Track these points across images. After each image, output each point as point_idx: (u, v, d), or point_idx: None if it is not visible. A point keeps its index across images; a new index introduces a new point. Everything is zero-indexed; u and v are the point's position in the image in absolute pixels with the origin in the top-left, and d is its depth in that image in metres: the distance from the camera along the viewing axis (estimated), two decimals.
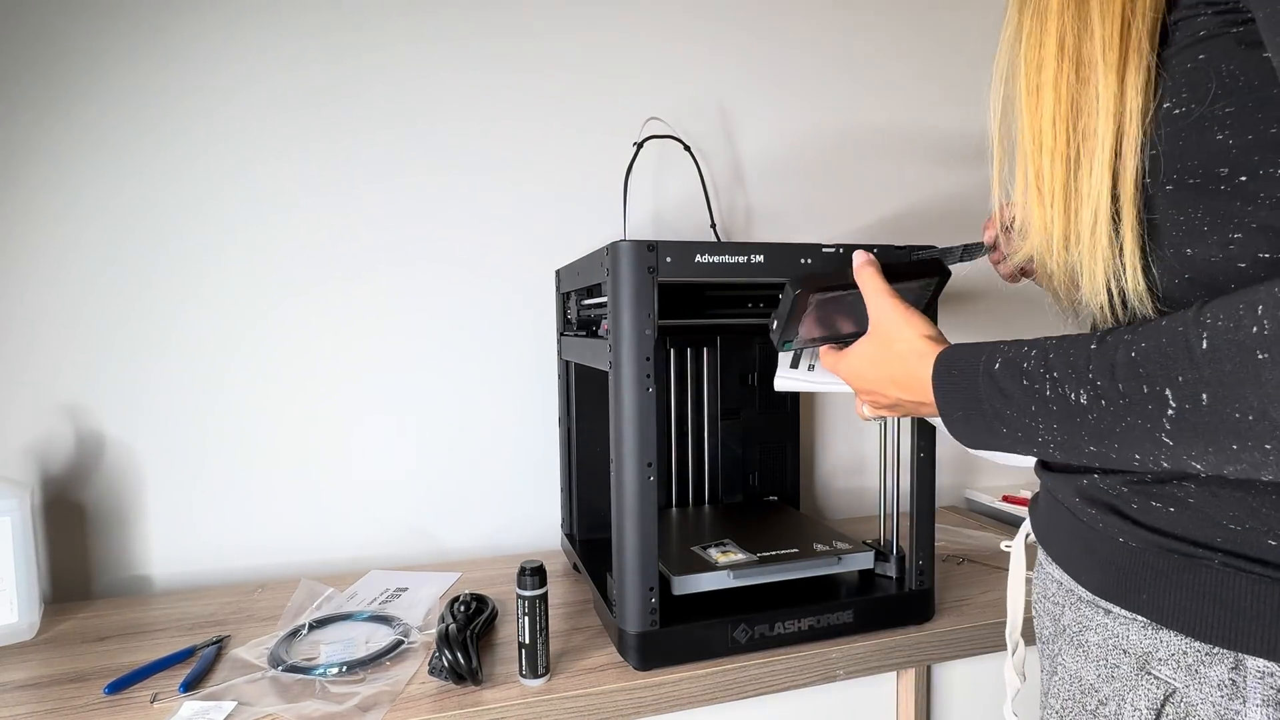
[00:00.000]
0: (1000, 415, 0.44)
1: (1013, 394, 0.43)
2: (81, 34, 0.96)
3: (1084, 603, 0.48)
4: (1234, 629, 0.39)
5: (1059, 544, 0.50)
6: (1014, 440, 0.44)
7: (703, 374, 1.08)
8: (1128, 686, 0.44)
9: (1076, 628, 0.48)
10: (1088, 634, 0.47)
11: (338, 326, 1.08)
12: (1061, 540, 0.50)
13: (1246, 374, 0.32)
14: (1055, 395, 0.40)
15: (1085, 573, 0.47)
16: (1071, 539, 0.49)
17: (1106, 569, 0.45)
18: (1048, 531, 0.52)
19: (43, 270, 0.97)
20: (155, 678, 0.74)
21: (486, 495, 1.15)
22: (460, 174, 1.12)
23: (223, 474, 1.04)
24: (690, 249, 0.72)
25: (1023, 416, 0.43)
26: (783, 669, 0.76)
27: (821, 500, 1.33)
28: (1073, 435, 0.40)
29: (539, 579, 0.71)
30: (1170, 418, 0.35)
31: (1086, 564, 0.47)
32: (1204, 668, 0.41)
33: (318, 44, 1.05)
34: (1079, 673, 0.47)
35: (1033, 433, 0.43)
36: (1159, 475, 0.42)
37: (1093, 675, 0.46)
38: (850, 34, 1.29)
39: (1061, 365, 0.40)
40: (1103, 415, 0.38)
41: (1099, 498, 0.46)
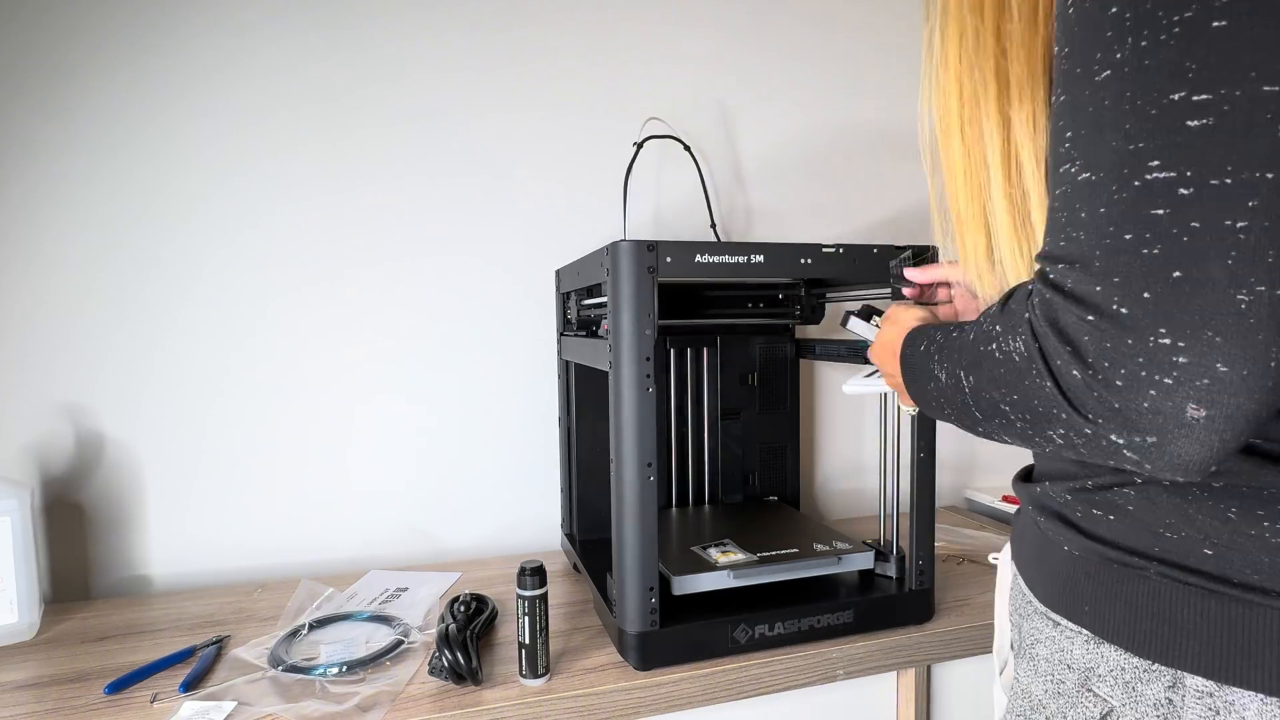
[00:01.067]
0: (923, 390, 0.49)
1: (922, 370, 0.48)
2: (79, 33, 0.96)
3: (1036, 614, 0.46)
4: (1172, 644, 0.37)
5: (1022, 553, 0.49)
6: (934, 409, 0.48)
7: (703, 374, 1.08)
8: (1070, 703, 0.42)
9: (1030, 640, 0.46)
10: (1038, 647, 0.45)
11: (337, 326, 1.08)
12: (1024, 550, 0.49)
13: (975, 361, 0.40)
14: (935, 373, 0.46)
15: (1038, 583, 0.46)
16: (1030, 549, 0.48)
17: (1054, 580, 0.44)
18: (1016, 541, 0.52)
19: (42, 270, 0.97)
20: (155, 678, 0.74)
21: (486, 495, 1.15)
22: (459, 174, 1.12)
23: (223, 474, 1.04)
24: (690, 249, 0.72)
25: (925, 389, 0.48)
26: (783, 669, 0.76)
27: (821, 500, 1.32)
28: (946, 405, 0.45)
29: (539, 579, 0.71)
30: (968, 394, 0.41)
31: (1039, 574, 0.46)
32: (1141, 685, 0.39)
33: (317, 43, 1.05)
34: (1029, 687, 0.46)
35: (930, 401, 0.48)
36: (1100, 482, 0.41)
37: (1040, 690, 0.45)
38: (850, 34, 1.29)
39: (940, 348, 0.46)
40: (947, 390, 0.44)
41: (1049, 505, 0.46)
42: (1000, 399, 0.38)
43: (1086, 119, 0.33)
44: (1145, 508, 0.39)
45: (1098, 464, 0.39)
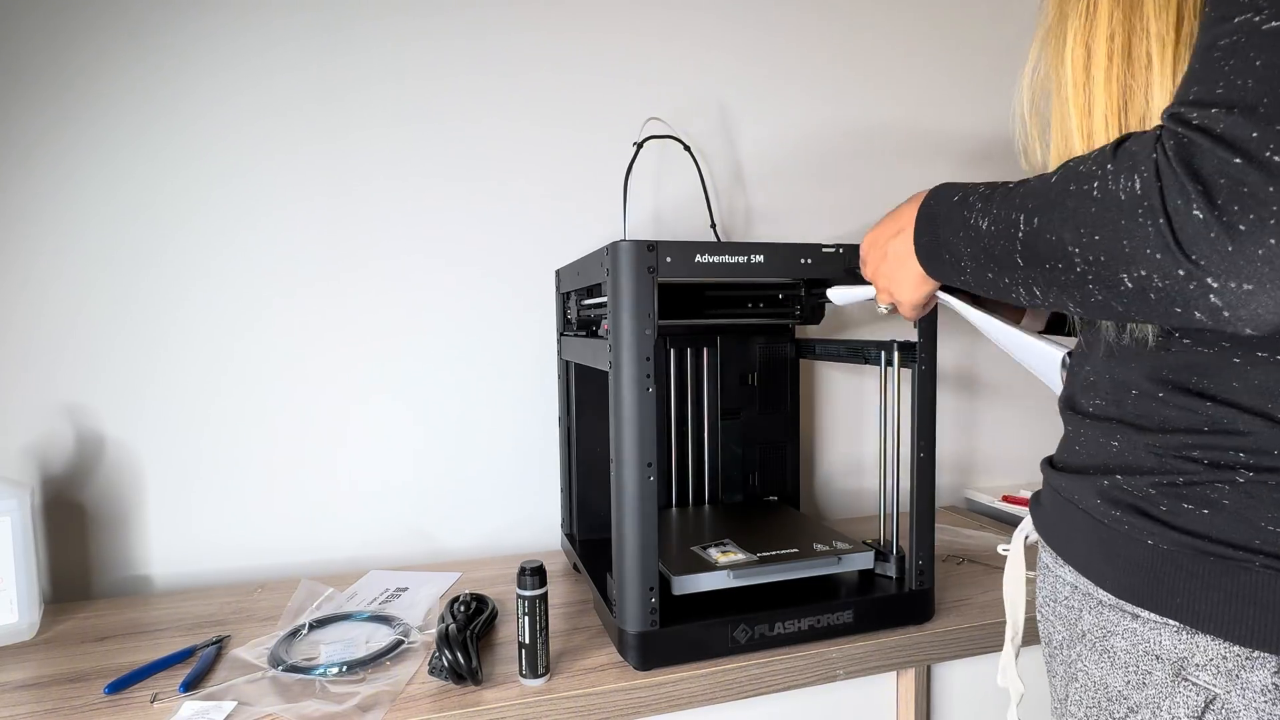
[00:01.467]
0: (945, 242, 0.49)
1: (954, 220, 0.48)
2: (79, 35, 0.96)
3: (1106, 607, 0.46)
4: (1277, 632, 0.39)
5: (1074, 547, 0.49)
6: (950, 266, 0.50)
7: (703, 374, 1.08)
8: (1163, 694, 0.43)
9: (1099, 633, 0.47)
10: (1113, 639, 0.46)
11: (337, 326, 1.08)
12: (1077, 543, 0.49)
13: (1058, 200, 0.39)
14: (975, 222, 0.46)
15: (1109, 577, 0.46)
16: (1090, 542, 0.48)
17: (1134, 572, 0.44)
18: (1059, 534, 0.51)
19: (42, 270, 0.97)
20: (155, 678, 0.74)
21: (486, 495, 1.15)
22: (459, 174, 1.12)
23: (223, 474, 1.05)
24: (690, 249, 0.72)
25: (956, 241, 0.48)
26: (782, 669, 0.76)
27: (821, 500, 1.33)
28: (976, 259, 0.46)
29: (539, 579, 0.71)
30: (1020, 240, 0.41)
31: (1110, 568, 0.46)
32: (1245, 672, 0.40)
33: (318, 46, 1.05)
34: (1104, 679, 0.46)
35: (960, 258, 0.48)
36: (1190, 477, 0.42)
37: (1120, 682, 0.45)
38: (851, 34, 1.29)
39: (987, 198, 0.45)
40: (990, 237, 0.44)
41: (1123, 499, 0.45)
42: (1071, 240, 0.38)
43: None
44: (1243, 503, 0.40)
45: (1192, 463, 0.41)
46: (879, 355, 0.85)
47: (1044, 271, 0.40)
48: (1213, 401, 0.42)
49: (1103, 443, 0.49)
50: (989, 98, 1.37)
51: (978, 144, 1.36)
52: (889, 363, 0.84)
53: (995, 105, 1.37)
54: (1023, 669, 0.89)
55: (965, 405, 1.40)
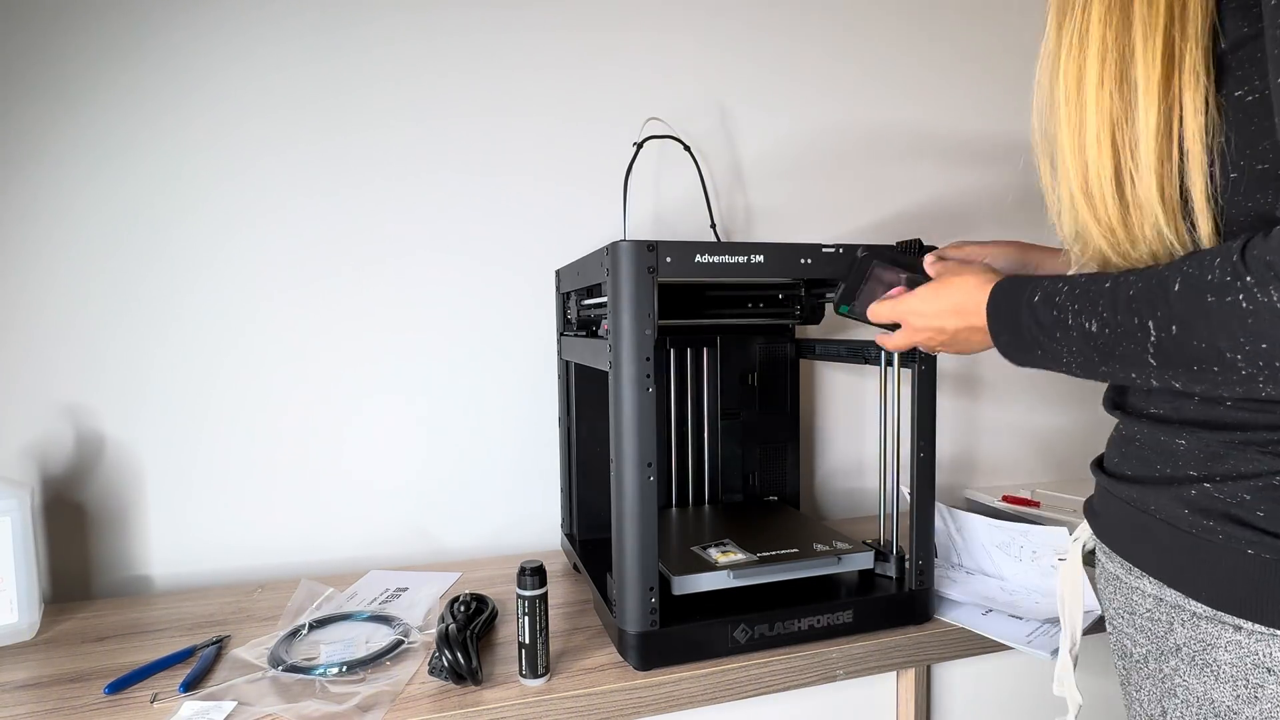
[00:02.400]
0: (1036, 340, 0.52)
1: (1045, 322, 0.50)
2: (77, 34, 0.96)
3: (1203, 619, 0.45)
4: None
5: (1158, 557, 0.48)
6: (1046, 359, 0.52)
7: (703, 374, 1.08)
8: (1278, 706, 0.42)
9: (1198, 646, 0.46)
10: (1216, 652, 0.44)
11: (336, 326, 1.08)
12: (1162, 553, 0.48)
13: (1200, 312, 0.40)
14: (1075, 324, 0.48)
15: (1204, 588, 0.45)
16: (1177, 552, 0.47)
17: (1234, 583, 0.43)
18: (1134, 543, 0.51)
19: (41, 270, 0.97)
20: (155, 678, 0.74)
21: (486, 495, 1.15)
22: (459, 174, 1.12)
23: (223, 474, 1.04)
24: (690, 249, 0.72)
25: (1051, 341, 0.50)
26: (783, 669, 0.76)
27: (821, 500, 1.32)
28: (1087, 357, 0.48)
29: (539, 579, 0.71)
30: (1152, 344, 0.43)
31: (1205, 579, 0.45)
32: None
33: (318, 44, 1.05)
34: (1209, 694, 0.45)
35: (1058, 354, 0.50)
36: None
37: (1229, 697, 0.44)
38: (851, 34, 1.29)
39: (1082, 299, 0.47)
40: (1107, 340, 0.45)
41: (1215, 508, 0.45)
42: (1229, 348, 0.39)
43: None
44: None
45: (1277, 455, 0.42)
46: (879, 355, 0.85)
47: (1191, 372, 0.42)
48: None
49: (1164, 441, 0.49)
50: (989, 98, 1.37)
51: (979, 145, 1.36)
52: (889, 363, 0.84)
53: (996, 106, 1.37)
54: (1035, 672, 0.89)
55: (965, 405, 1.40)
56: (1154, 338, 0.42)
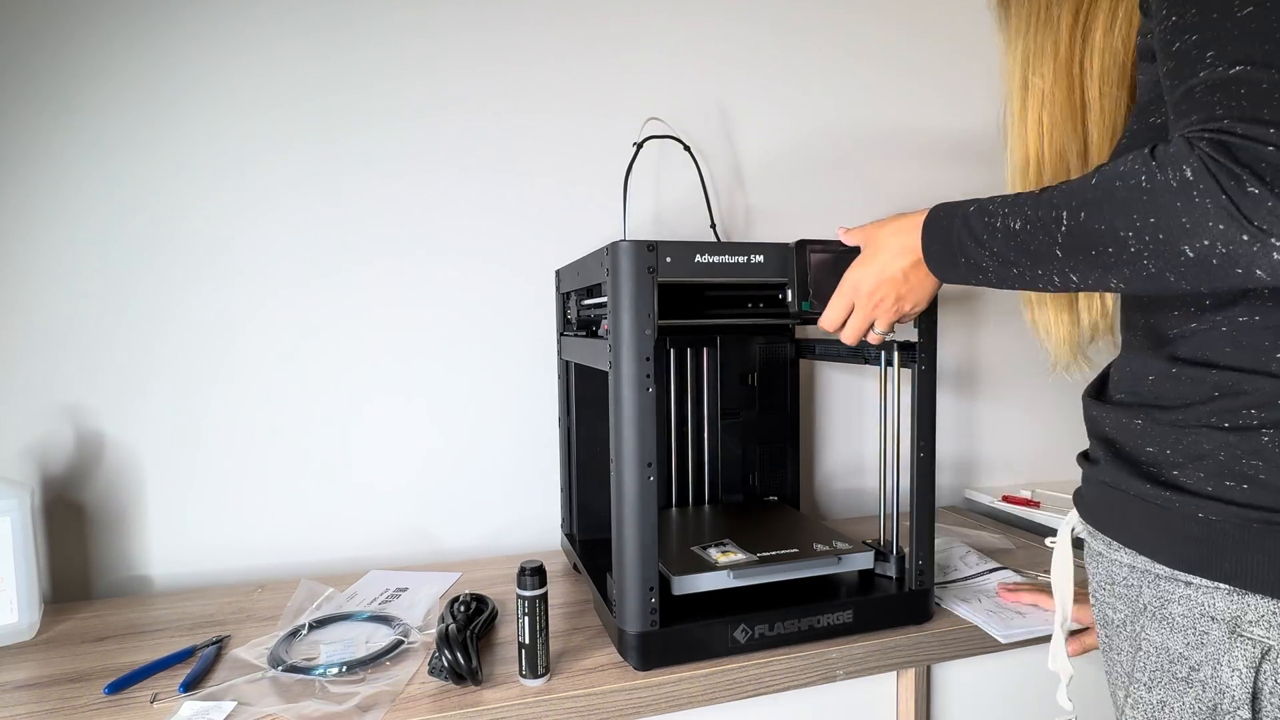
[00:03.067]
0: (963, 246, 0.57)
1: (974, 228, 0.56)
2: (76, 33, 0.96)
3: (1163, 579, 0.51)
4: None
5: (1130, 529, 0.54)
6: (968, 268, 0.57)
7: (703, 374, 1.08)
8: (1221, 650, 0.47)
9: (1158, 603, 0.51)
10: (1170, 606, 0.50)
11: (336, 326, 1.08)
12: (1132, 525, 0.54)
13: (1107, 194, 0.45)
14: (1001, 225, 0.53)
15: (1163, 550, 0.51)
16: (1145, 521, 0.52)
17: (1186, 544, 0.49)
18: (1112, 521, 0.56)
19: (40, 270, 0.97)
20: (155, 678, 0.74)
21: (487, 495, 1.15)
22: (458, 173, 1.12)
23: (223, 474, 1.04)
24: (690, 249, 0.72)
25: (977, 246, 0.55)
26: (782, 669, 0.76)
27: (821, 500, 1.32)
28: (1004, 258, 0.53)
29: (539, 579, 0.71)
30: (1062, 232, 0.48)
31: (1163, 542, 0.51)
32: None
33: (316, 42, 1.05)
34: (1165, 644, 0.50)
35: (979, 260, 0.56)
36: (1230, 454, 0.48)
37: (1181, 644, 0.49)
38: (851, 34, 1.29)
39: (1013, 204, 0.53)
40: (1025, 236, 0.51)
41: (1170, 481, 0.51)
42: (1124, 225, 0.45)
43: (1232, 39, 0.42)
44: (1276, 474, 0.46)
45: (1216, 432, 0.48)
46: (879, 355, 0.85)
47: (1089, 257, 0.47)
48: (1216, 369, 0.49)
49: (1125, 423, 0.55)
50: (990, 98, 1.36)
51: (980, 144, 1.36)
52: (889, 363, 0.84)
53: (997, 105, 1.37)
54: (1035, 673, 0.89)
55: (965, 405, 1.40)
56: (1064, 226, 0.48)
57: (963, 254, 0.57)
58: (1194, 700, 0.48)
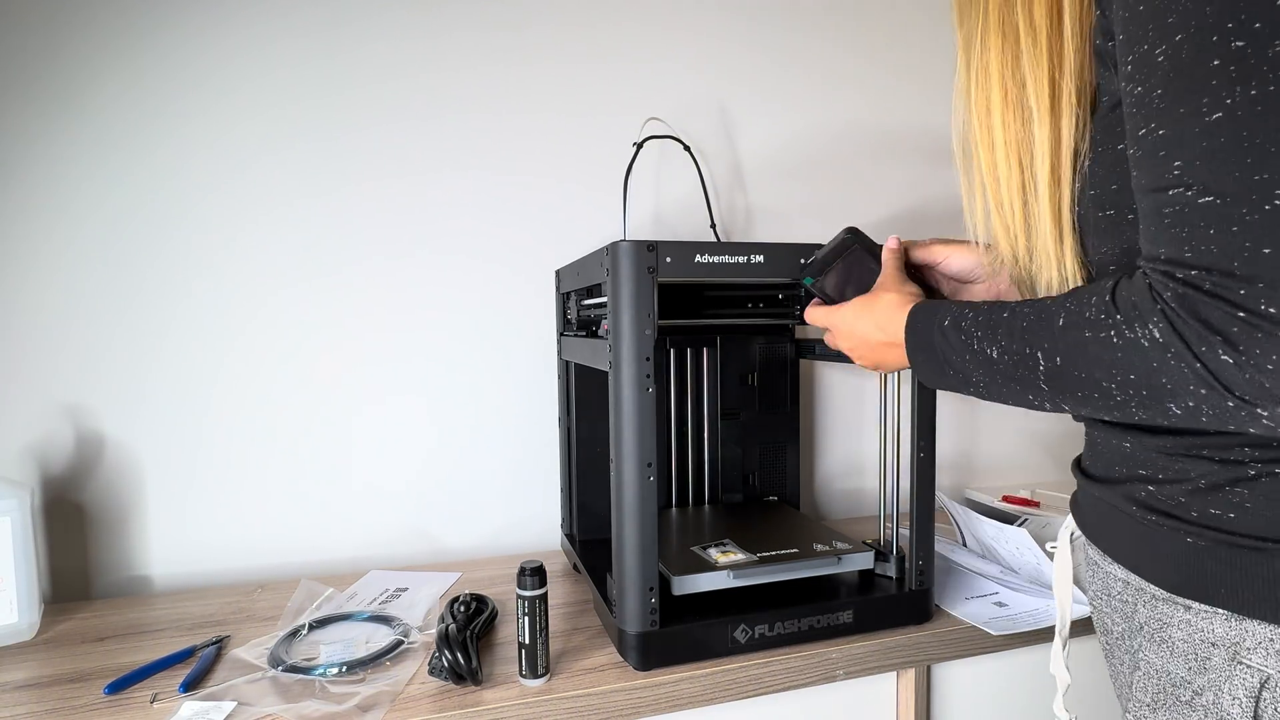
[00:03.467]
0: (948, 360, 0.55)
1: (953, 343, 0.54)
2: (77, 32, 0.96)
3: (1160, 600, 0.50)
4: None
5: (1122, 546, 0.54)
6: (956, 381, 0.55)
7: (703, 374, 1.08)
8: (1223, 676, 0.46)
9: (1156, 624, 0.51)
10: (1170, 630, 0.49)
11: (336, 326, 1.08)
12: (1124, 542, 0.53)
13: (1079, 346, 0.44)
14: (979, 349, 0.52)
15: (1158, 573, 0.50)
16: (1136, 541, 0.52)
17: (1180, 569, 0.48)
18: (1105, 533, 0.56)
19: (40, 270, 0.97)
20: (155, 678, 0.74)
21: (487, 495, 1.15)
22: (458, 173, 1.12)
23: (223, 473, 1.04)
24: (690, 249, 0.72)
25: (961, 362, 0.54)
26: (783, 669, 0.76)
27: (821, 500, 1.32)
28: (991, 381, 0.52)
29: (539, 579, 0.71)
30: (1043, 372, 0.47)
31: (1158, 565, 0.50)
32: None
33: (317, 41, 1.05)
34: (1165, 667, 0.50)
35: (967, 376, 0.54)
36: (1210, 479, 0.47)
37: (1182, 669, 0.49)
38: (851, 34, 1.29)
39: (984, 327, 0.52)
40: (1006, 366, 0.50)
41: (1157, 506, 0.50)
42: (1104, 378, 0.43)
43: (1200, 152, 0.38)
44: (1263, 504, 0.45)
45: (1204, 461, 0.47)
46: None
47: (1076, 398, 0.46)
48: None
49: (1115, 444, 0.54)
50: None
51: None
52: None
53: None
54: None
55: (965, 405, 1.40)
56: (1043, 367, 0.47)
57: (949, 367, 0.56)
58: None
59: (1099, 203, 0.50)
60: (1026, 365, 0.48)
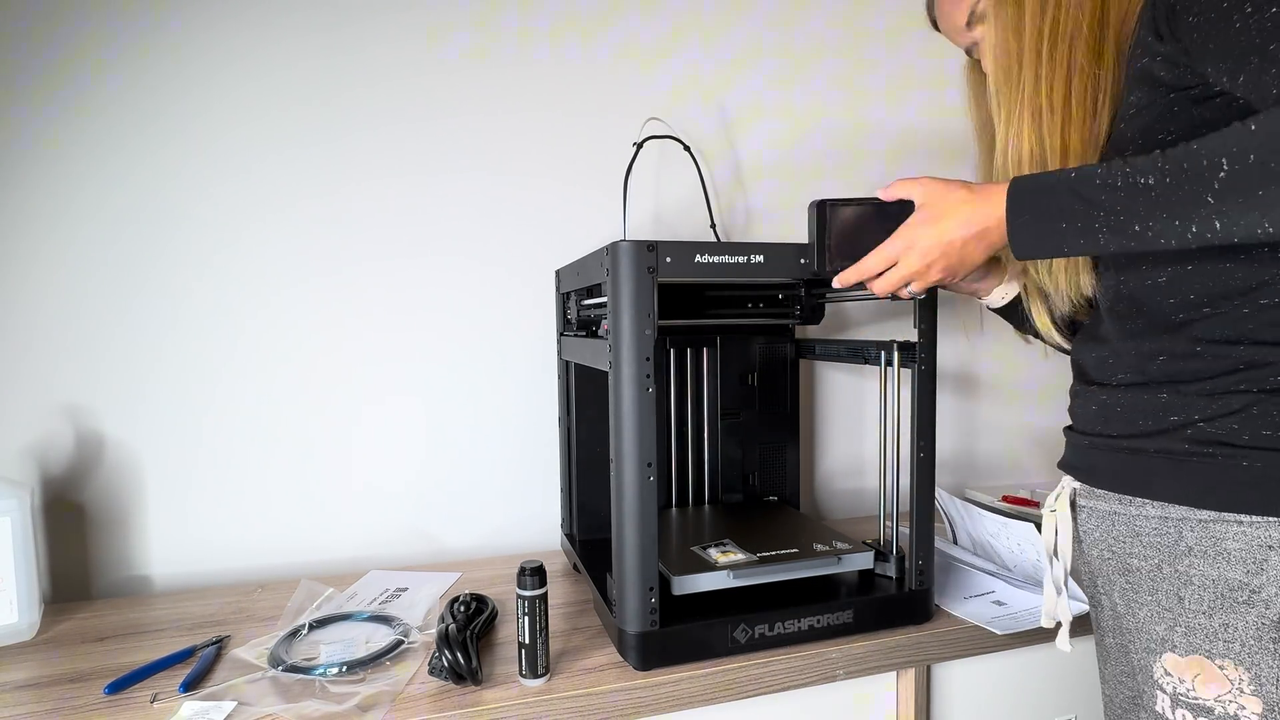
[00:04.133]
0: (1065, 210, 0.57)
1: (1083, 191, 0.56)
2: (77, 32, 0.96)
3: (1210, 522, 0.57)
4: None
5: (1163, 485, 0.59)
6: (1068, 235, 0.57)
7: (703, 374, 1.08)
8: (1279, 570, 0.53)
9: (1209, 542, 0.57)
10: (1226, 543, 0.56)
11: (336, 326, 1.08)
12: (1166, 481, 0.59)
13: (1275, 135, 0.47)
14: (1125, 184, 0.53)
15: (1208, 498, 0.57)
16: (1180, 477, 0.58)
17: (1233, 489, 0.55)
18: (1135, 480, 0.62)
19: (41, 270, 0.97)
20: (155, 678, 0.74)
21: (487, 495, 1.15)
22: (458, 174, 1.12)
23: (223, 474, 1.04)
24: (690, 249, 0.72)
25: (1087, 209, 0.55)
26: (783, 669, 0.76)
27: (821, 500, 1.32)
28: (1128, 216, 0.53)
29: (539, 579, 0.71)
30: (1221, 178, 0.48)
31: (1209, 491, 0.57)
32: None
33: (316, 42, 1.05)
34: (1223, 575, 0.56)
35: (1090, 221, 0.55)
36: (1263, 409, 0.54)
37: (1240, 573, 0.55)
38: (852, 34, 1.29)
39: (1134, 165, 0.53)
40: (1164, 190, 0.51)
41: (1211, 439, 0.57)
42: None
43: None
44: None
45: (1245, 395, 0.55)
46: (879, 355, 0.85)
47: (1253, 199, 0.48)
48: (1243, 344, 0.56)
49: (1148, 399, 0.61)
50: None
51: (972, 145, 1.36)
52: (889, 363, 0.84)
53: None
54: (1035, 672, 0.89)
55: (965, 405, 1.40)
56: (1224, 171, 0.48)
57: (1064, 219, 0.57)
58: (1257, 617, 0.54)
59: None
60: (1198, 178, 0.49)
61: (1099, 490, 0.66)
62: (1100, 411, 0.66)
